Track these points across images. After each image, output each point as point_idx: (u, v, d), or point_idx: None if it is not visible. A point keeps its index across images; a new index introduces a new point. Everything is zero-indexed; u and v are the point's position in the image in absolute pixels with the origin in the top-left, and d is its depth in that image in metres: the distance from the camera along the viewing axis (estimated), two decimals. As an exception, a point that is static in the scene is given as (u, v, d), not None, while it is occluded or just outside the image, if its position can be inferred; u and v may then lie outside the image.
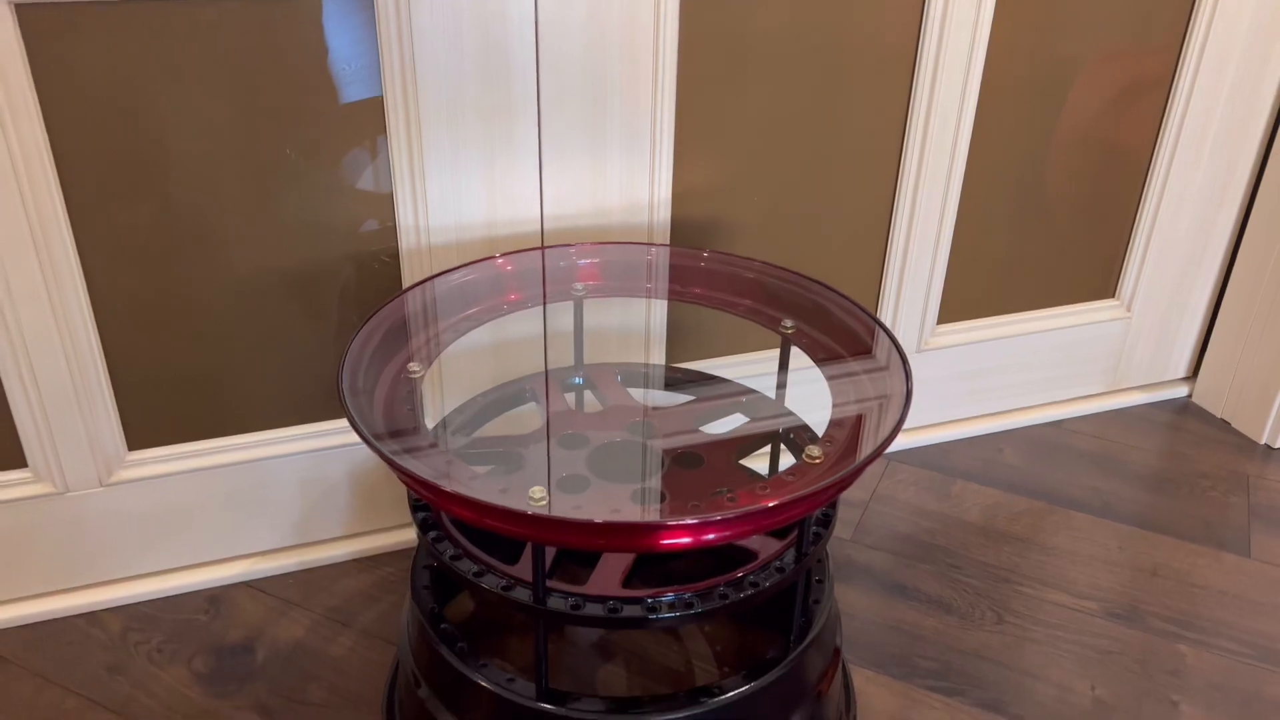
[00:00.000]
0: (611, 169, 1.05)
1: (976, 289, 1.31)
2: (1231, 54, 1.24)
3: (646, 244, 1.06)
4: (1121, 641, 1.05)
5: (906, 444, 1.35)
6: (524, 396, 0.98)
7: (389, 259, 1.02)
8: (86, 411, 0.97)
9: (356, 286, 1.03)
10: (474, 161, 0.99)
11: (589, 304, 1.07)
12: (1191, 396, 1.48)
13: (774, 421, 0.95)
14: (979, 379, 1.37)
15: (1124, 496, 1.27)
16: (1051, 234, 1.32)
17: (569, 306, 1.03)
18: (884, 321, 1.13)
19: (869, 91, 1.12)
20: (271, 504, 1.09)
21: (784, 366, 0.97)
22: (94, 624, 1.04)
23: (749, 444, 0.93)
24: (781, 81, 1.08)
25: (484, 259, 0.97)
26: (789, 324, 0.93)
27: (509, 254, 0.99)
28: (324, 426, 1.07)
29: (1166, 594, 1.11)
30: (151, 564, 1.08)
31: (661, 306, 1.14)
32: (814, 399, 0.91)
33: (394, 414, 0.79)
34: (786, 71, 1.08)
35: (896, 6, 1.09)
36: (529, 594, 0.74)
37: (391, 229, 1.01)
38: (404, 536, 1.15)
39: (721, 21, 1.03)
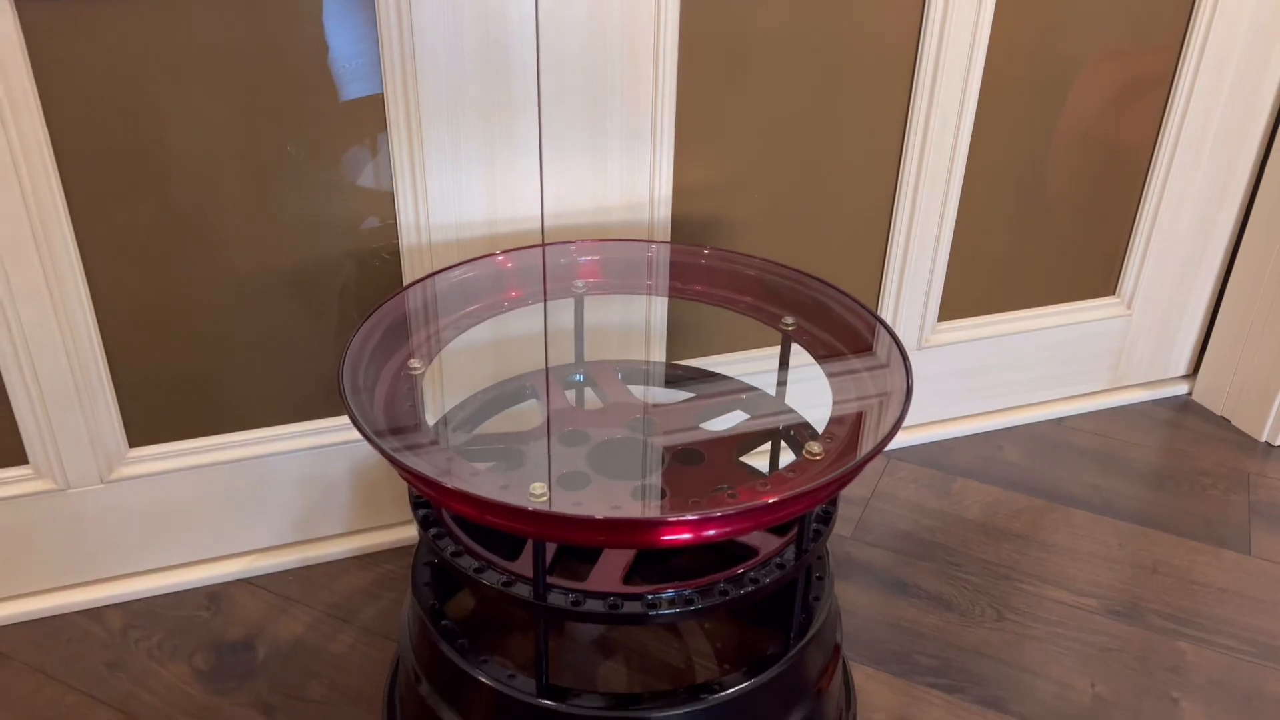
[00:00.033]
0: (612, 166, 1.05)
1: (977, 286, 1.31)
2: (1232, 53, 1.24)
3: (647, 241, 1.06)
4: (1122, 639, 1.05)
5: (907, 441, 1.35)
6: (524, 393, 0.98)
7: (389, 256, 1.02)
8: (87, 408, 0.98)
9: (357, 284, 1.03)
10: (475, 159, 0.99)
11: (590, 301, 1.07)
12: (1192, 394, 1.48)
13: (774, 418, 0.95)
14: (979, 376, 1.37)
15: (1124, 494, 1.27)
16: (1052, 232, 1.32)
17: (569, 304, 1.04)
18: (884, 319, 1.13)
19: (870, 89, 1.12)
20: (272, 501, 1.09)
21: (784, 364, 0.97)
22: (95, 621, 1.04)
23: (749, 441, 0.93)
24: (782, 79, 1.08)
25: (484, 256, 0.97)
26: (789, 321, 0.93)
27: (509, 251, 0.99)
28: (325, 424, 1.07)
29: (1167, 591, 1.12)
30: (152, 561, 1.08)
31: (662, 304, 1.14)
32: (814, 396, 0.91)
33: (395, 411, 0.79)
34: (787, 70, 1.08)
35: (897, 5, 1.09)
36: (529, 590, 0.74)
37: (392, 226, 1.01)
38: (404, 534, 1.15)
39: (722, 20, 1.03)
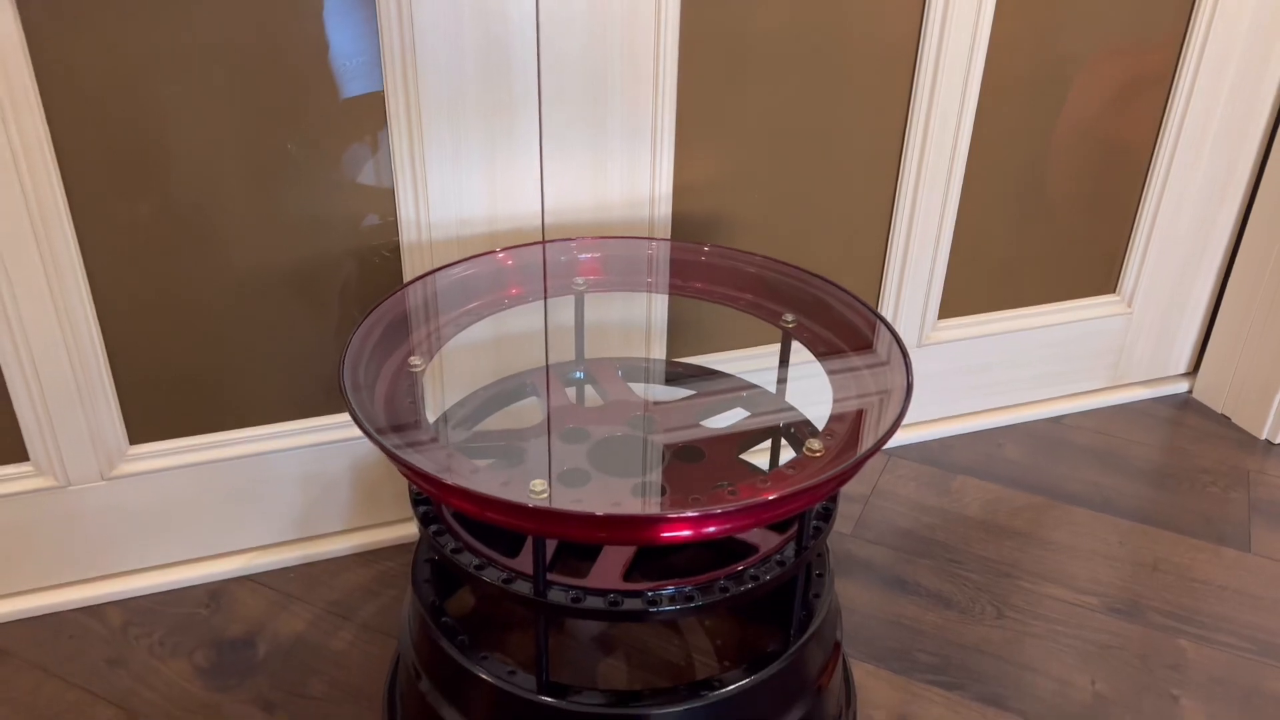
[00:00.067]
0: (612, 164, 1.05)
1: (977, 284, 1.31)
2: (1232, 52, 1.24)
3: (647, 238, 1.06)
4: (1122, 636, 1.05)
5: (907, 439, 1.35)
6: (525, 391, 0.98)
7: (390, 254, 1.02)
8: (88, 405, 0.98)
9: (357, 281, 1.03)
10: (475, 156, 0.99)
11: (590, 298, 1.07)
12: (1192, 392, 1.48)
13: (775, 416, 0.95)
14: (980, 374, 1.37)
15: (1124, 492, 1.27)
16: (1052, 230, 1.32)
17: (570, 301, 1.04)
18: (885, 316, 1.13)
19: (870, 87, 1.12)
20: (272, 498, 1.09)
21: (785, 361, 0.97)
22: (95, 618, 1.04)
23: (750, 438, 0.93)
24: (783, 78, 1.08)
25: (485, 253, 0.97)
26: (790, 318, 0.93)
27: (510, 248, 0.99)
28: (325, 421, 1.07)
29: (1167, 589, 1.12)
30: (152, 558, 1.08)
31: (662, 301, 1.14)
32: (815, 394, 0.91)
33: (395, 408, 0.79)
34: (788, 68, 1.08)
35: (898, 4, 1.09)
36: (530, 587, 0.74)
37: (392, 224, 1.01)
38: (404, 531, 1.15)
39: (723, 18, 1.03)
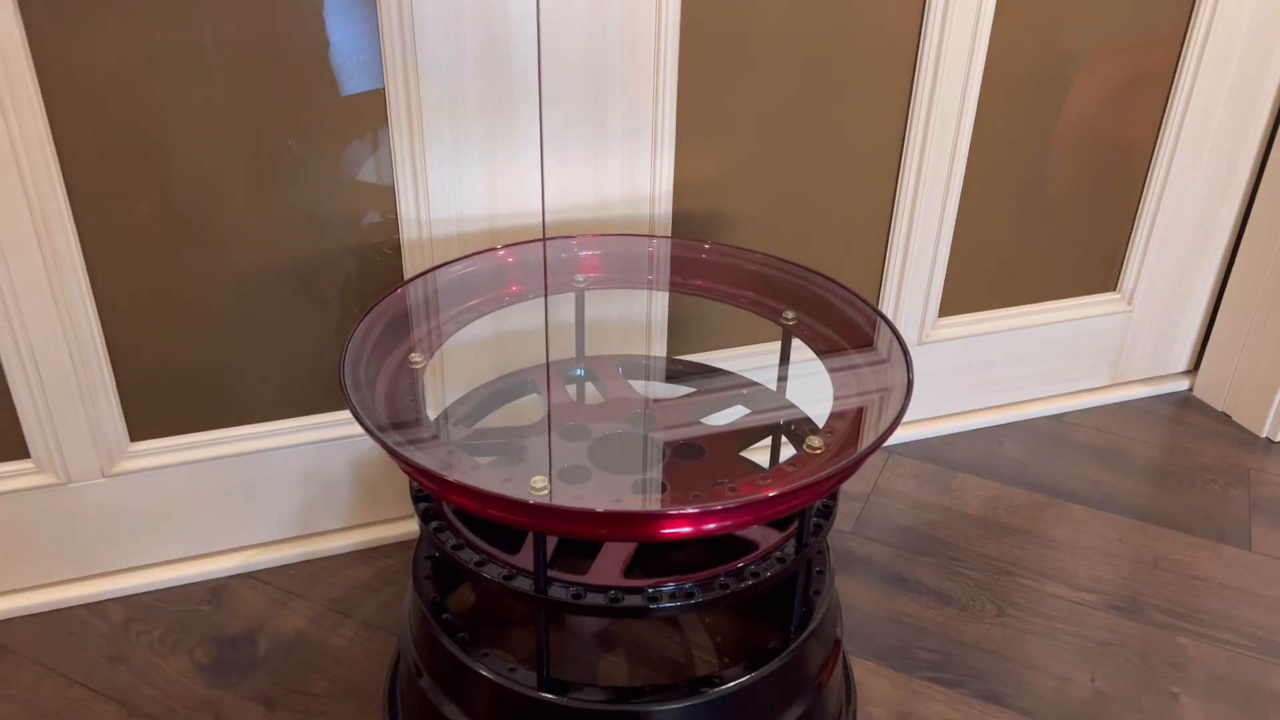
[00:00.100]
0: (613, 161, 1.05)
1: (978, 282, 1.31)
2: (1233, 49, 1.24)
3: (648, 236, 1.06)
4: (1122, 634, 1.05)
5: (907, 437, 1.35)
6: (525, 388, 0.98)
7: (390, 251, 1.02)
8: (89, 403, 0.98)
9: (358, 279, 1.03)
10: (475, 154, 0.99)
11: (590, 296, 1.07)
12: (1192, 390, 1.48)
13: (775, 413, 0.95)
14: (980, 372, 1.37)
15: (1125, 489, 1.27)
16: (1053, 228, 1.32)
17: (570, 298, 1.04)
18: (885, 314, 1.13)
19: (871, 84, 1.12)
20: (273, 495, 1.09)
21: (785, 359, 0.97)
22: (96, 614, 1.04)
23: (750, 436, 0.93)
24: (783, 75, 1.08)
25: (485, 251, 0.97)
26: (790, 316, 0.93)
27: (510, 246, 0.99)
28: (326, 418, 1.08)
29: (1167, 586, 1.12)
30: (153, 555, 1.08)
31: (663, 298, 1.14)
32: (815, 391, 0.91)
33: (396, 405, 0.79)
34: (788, 65, 1.08)
35: (898, 2, 1.08)
36: (530, 583, 0.74)
37: (393, 221, 1.01)
38: (405, 528, 1.15)
39: (724, 16, 1.02)
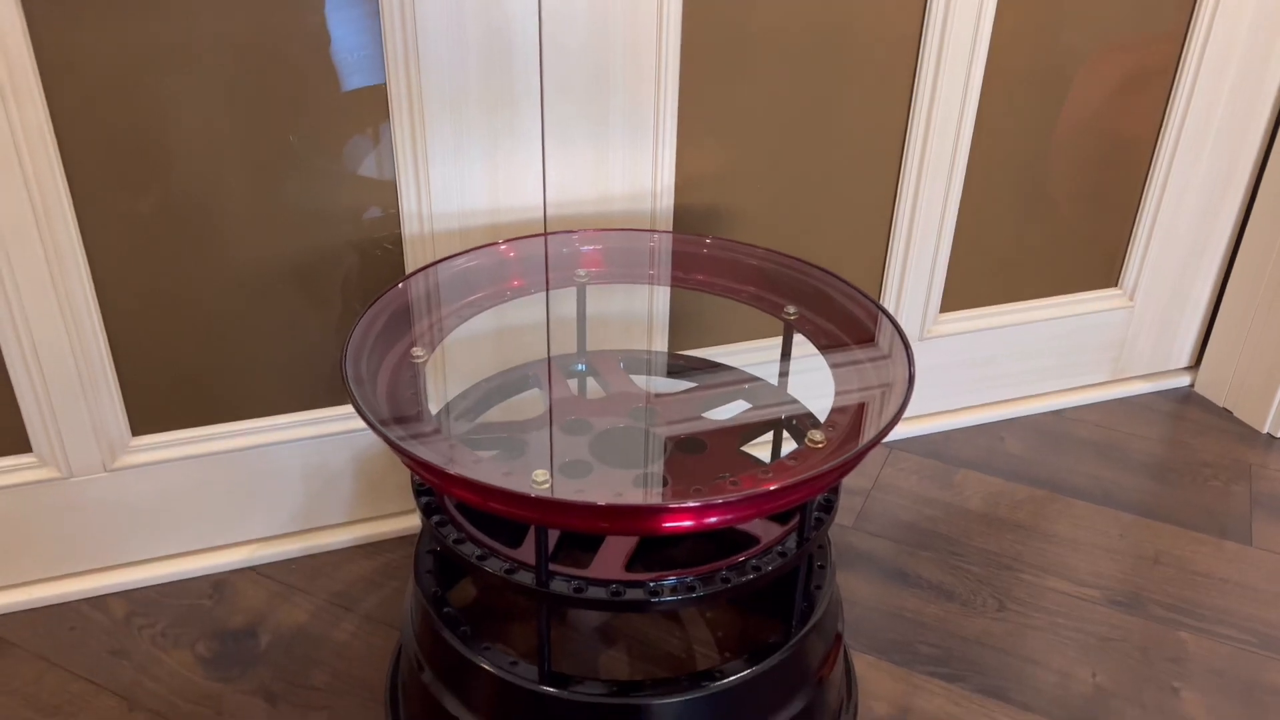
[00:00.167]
0: (614, 156, 1.05)
1: (979, 277, 1.31)
2: (1235, 45, 1.24)
3: (649, 230, 1.06)
4: (1123, 629, 1.05)
5: (909, 432, 1.35)
6: (527, 382, 0.98)
7: (392, 246, 1.02)
8: (90, 397, 0.98)
9: (359, 273, 1.03)
10: (477, 148, 0.99)
11: (592, 290, 1.07)
12: (1194, 386, 1.48)
13: (776, 408, 0.95)
14: (981, 367, 1.37)
15: (1126, 485, 1.27)
16: (1055, 223, 1.32)
17: (572, 293, 1.04)
18: (887, 309, 1.13)
19: (873, 79, 1.12)
20: (275, 490, 1.09)
21: (786, 354, 0.97)
22: (98, 608, 1.04)
23: (751, 431, 0.93)
24: (786, 69, 1.08)
25: (487, 245, 0.97)
26: (792, 311, 0.93)
27: (512, 240, 0.99)
28: (327, 413, 1.08)
29: (1168, 581, 1.12)
30: (155, 549, 1.08)
31: (664, 293, 1.14)
32: (817, 386, 0.91)
33: (397, 400, 0.79)
34: (791, 59, 1.08)
35: (900, -6, 1.09)
36: (532, 577, 0.74)
37: (394, 216, 1.01)
38: (406, 523, 1.15)
39: (725, 11, 1.02)
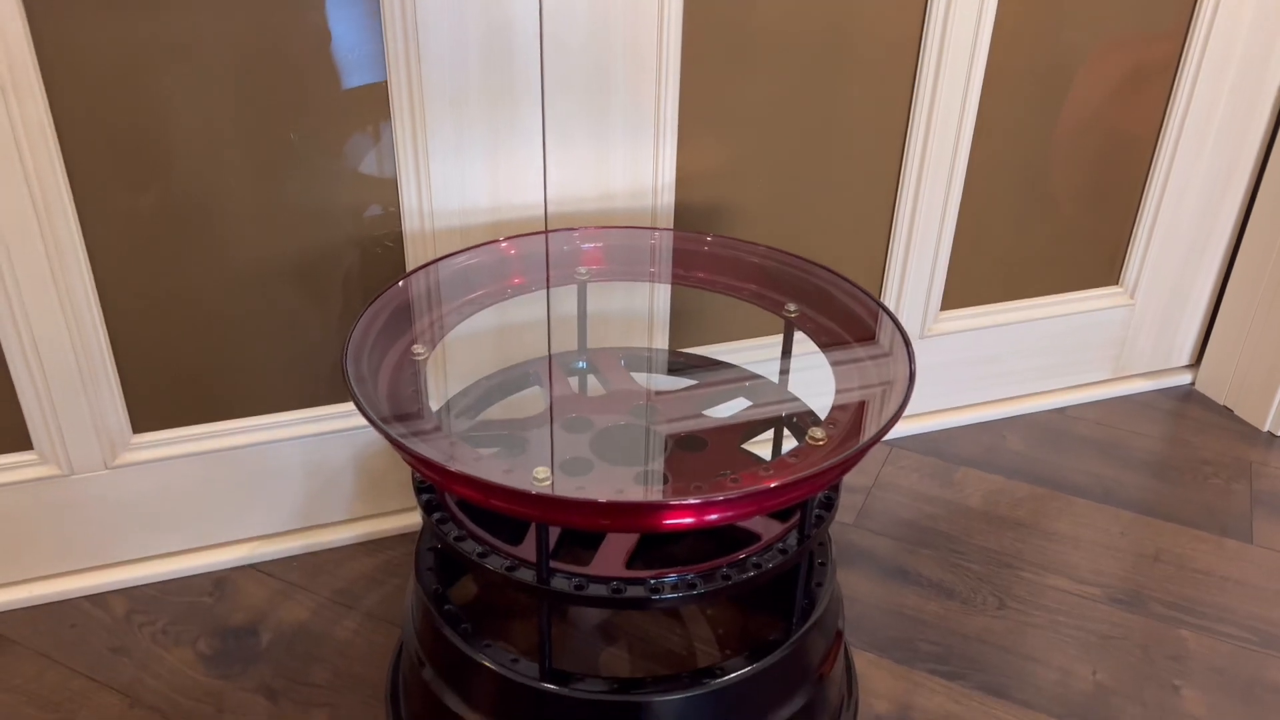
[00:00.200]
0: (615, 154, 1.05)
1: (980, 275, 1.31)
2: (1236, 42, 1.24)
3: (650, 228, 1.06)
4: (1123, 626, 1.05)
5: (909, 430, 1.35)
6: (528, 380, 0.98)
7: (392, 243, 1.02)
8: (91, 394, 0.98)
9: (360, 271, 1.03)
10: (478, 146, 0.99)
11: (593, 288, 1.07)
12: (1194, 384, 1.48)
13: (777, 406, 0.95)
14: (982, 365, 1.37)
15: (1127, 483, 1.27)
16: (1055, 221, 1.32)
17: (572, 290, 1.04)
18: (888, 306, 1.13)
19: (874, 77, 1.12)
20: (276, 487, 1.09)
21: (787, 351, 0.97)
22: (99, 606, 1.04)
23: (752, 428, 0.93)
24: (786, 66, 1.08)
25: (487, 243, 0.97)
26: (793, 308, 0.93)
27: (512, 238, 0.99)
28: (328, 410, 1.08)
29: (1169, 579, 1.12)
30: (156, 546, 1.08)
31: (665, 291, 1.14)
32: (818, 384, 0.91)
33: (398, 397, 0.79)
34: (791, 56, 1.08)
35: (901, -9, 1.09)
36: (533, 574, 0.74)
37: (395, 213, 1.01)
38: (407, 521, 1.15)
39: (726, 8, 1.02)
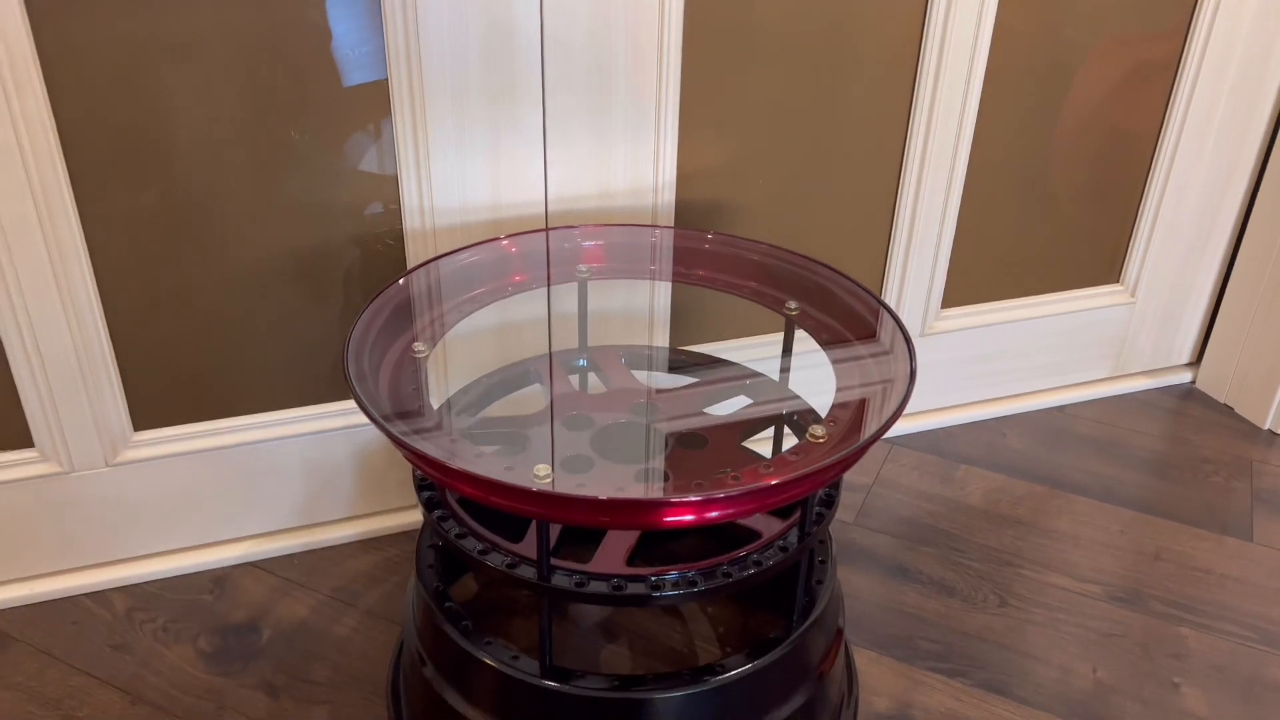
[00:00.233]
0: (616, 151, 1.04)
1: (981, 274, 1.31)
2: (1237, 40, 1.24)
3: (651, 226, 1.06)
4: (1123, 624, 1.05)
5: (910, 428, 1.35)
6: (528, 378, 0.98)
7: (393, 241, 1.02)
8: (92, 392, 0.98)
9: (361, 268, 1.03)
10: (479, 144, 0.99)
11: (593, 286, 1.07)
12: (1195, 382, 1.48)
13: (778, 404, 0.95)
14: (983, 363, 1.37)
15: (1127, 481, 1.27)
16: (1056, 219, 1.32)
17: (573, 288, 1.04)
18: (888, 304, 1.13)
19: (874, 74, 1.12)
20: (276, 485, 1.09)
21: (788, 349, 0.97)
22: (100, 603, 1.04)
23: (752, 426, 0.93)
24: (787, 65, 1.08)
25: (488, 240, 0.97)
26: (793, 306, 0.93)
27: (513, 235, 0.99)
28: (329, 408, 1.08)
29: (1169, 578, 1.12)
30: (157, 544, 1.08)
31: (665, 289, 1.14)
32: (818, 382, 0.91)
33: (399, 395, 0.79)
34: (792, 55, 1.08)
35: (902, -11, 1.09)
36: (533, 572, 0.74)
37: (396, 211, 1.01)
38: (407, 518, 1.15)
39: (727, 5, 1.02)
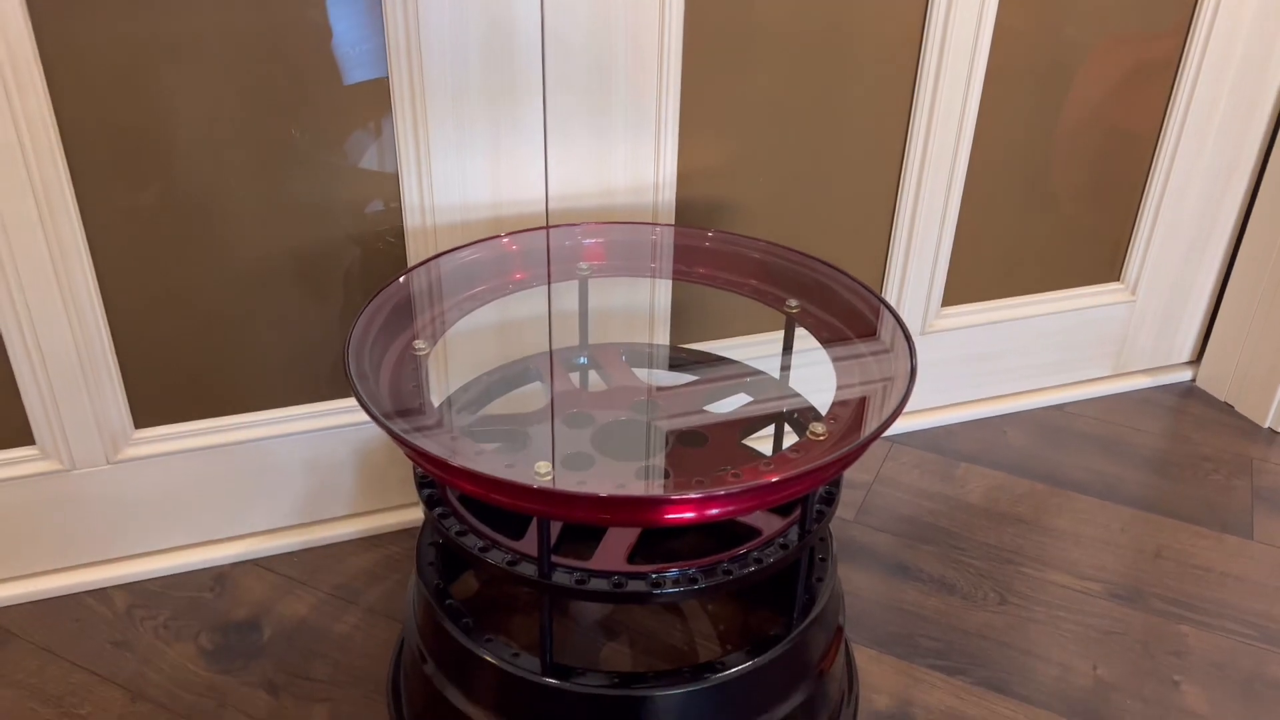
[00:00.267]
0: (616, 149, 1.05)
1: (981, 272, 1.31)
2: (1237, 38, 1.24)
3: (651, 224, 1.06)
4: (1124, 622, 1.05)
5: (910, 426, 1.35)
6: (529, 375, 0.98)
7: (394, 239, 1.02)
8: (93, 389, 0.98)
9: (362, 266, 1.03)
10: (479, 142, 0.99)
11: (594, 284, 1.07)
12: (1195, 380, 1.48)
13: (778, 401, 0.96)
14: (983, 362, 1.37)
15: (1127, 479, 1.27)
16: (1057, 217, 1.32)
17: (574, 286, 1.04)
18: (889, 302, 1.13)
19: (875, 73, 1.12)
20: (277, 483, 1.09)
21: (788, 347, 0.97)
22: (101, 600, 1.04)
23: (753, 424, 0.93)
24: (788, 62, 1.08)
25: (489, 238, 0.98)
26: (794, 304, 0.93)
27: (514, 233, 0.99)
28: (330, 406, 1.08)
29: (1169, 575, 1.12)
30: (158, 542, 1.08)
31: (666, 286, 1.14)
32: (819, 380, 0.91)
33: (400, 393, 0.79)
34: (793, 52, 1.08)
35: (903, -13, 1.09)
36: (534, 569, 0.74)
37: (397, 209, 1.01)
38: (408, 516, 1.16)
39: (728, 4, 1.02)
